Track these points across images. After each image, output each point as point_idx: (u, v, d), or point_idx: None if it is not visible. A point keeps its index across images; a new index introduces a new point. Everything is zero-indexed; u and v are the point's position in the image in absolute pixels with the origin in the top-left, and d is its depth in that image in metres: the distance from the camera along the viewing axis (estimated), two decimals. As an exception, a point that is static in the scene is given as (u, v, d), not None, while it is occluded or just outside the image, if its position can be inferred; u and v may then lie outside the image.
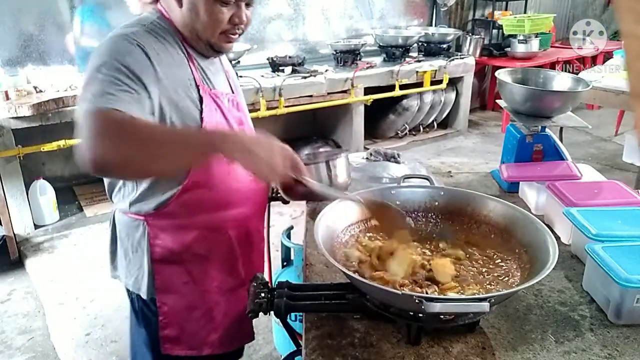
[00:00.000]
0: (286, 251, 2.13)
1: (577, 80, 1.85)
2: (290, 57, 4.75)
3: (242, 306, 1.13)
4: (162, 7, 1.23)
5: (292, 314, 1.36)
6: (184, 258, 1.29)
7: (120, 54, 1.08)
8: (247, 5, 1.22)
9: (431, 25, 6.13)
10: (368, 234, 1.21)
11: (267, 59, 4.61)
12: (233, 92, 1.38)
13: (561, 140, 1.86)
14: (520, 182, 1.69)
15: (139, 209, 1.25)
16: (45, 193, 3.61)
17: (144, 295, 1.31)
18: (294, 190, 1.17)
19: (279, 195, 1.61)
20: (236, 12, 1.18)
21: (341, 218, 1.19)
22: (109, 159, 0.97)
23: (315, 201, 1.46)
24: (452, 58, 5.42)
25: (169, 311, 1.31)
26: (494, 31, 6.35)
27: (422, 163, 1.75)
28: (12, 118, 3.22)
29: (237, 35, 1.23)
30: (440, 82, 5.33)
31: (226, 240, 1.34)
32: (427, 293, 0.98)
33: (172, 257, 1.28)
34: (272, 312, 1.05)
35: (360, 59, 5.04)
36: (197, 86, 1.21)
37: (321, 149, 4.59)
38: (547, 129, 1.80)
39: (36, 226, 3.60)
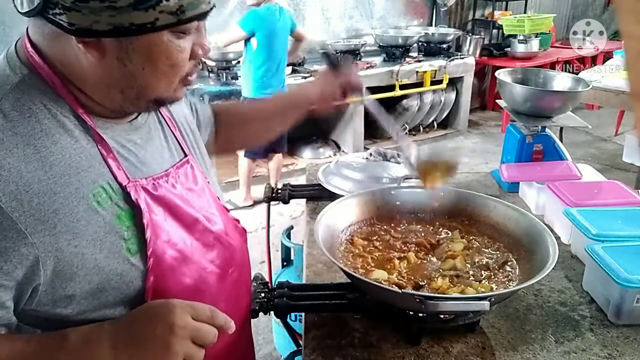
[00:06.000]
0: (286, 251, 2.13)
1: (577, 80, 1.85)
2: (290, 57, 4.75)
3: None
4: (31, 50, 0.72)
5: (292, 314, 1.36)
6: None
7: None
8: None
9: (431, 25, 6.14)
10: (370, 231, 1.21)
11: (267, 59, 4.61)
12: (185, 155, 0.92)
13: (561, 140, 1.86)
14: (520, 182, 1.69)
15: None
16: None
17: None
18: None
19: (279, 195, 1.61)
20: (197, 40, 0.78)
21: (341, 218, 1.20)
22: None
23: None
24: (452, 58, 5.42)
25: None
26: (494, 31, 6.36)
27: (422, 163, 1.75)
28: None
29: (196, 74, 0.83)
30: (440, 82, 5.33)
31: None
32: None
33: None
34: (272, 312, 1.06)
35: (360, 59, 5.04)
36: (123, 187, 0.76)
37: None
38: (547, 129, 1.80)
39: None
